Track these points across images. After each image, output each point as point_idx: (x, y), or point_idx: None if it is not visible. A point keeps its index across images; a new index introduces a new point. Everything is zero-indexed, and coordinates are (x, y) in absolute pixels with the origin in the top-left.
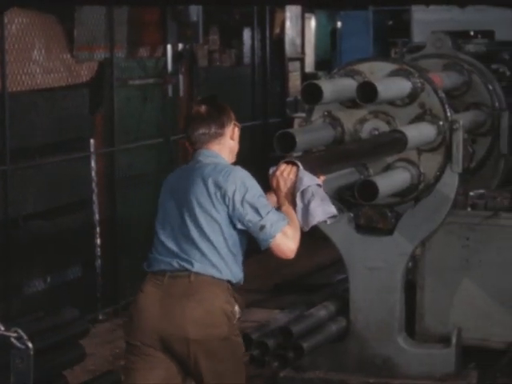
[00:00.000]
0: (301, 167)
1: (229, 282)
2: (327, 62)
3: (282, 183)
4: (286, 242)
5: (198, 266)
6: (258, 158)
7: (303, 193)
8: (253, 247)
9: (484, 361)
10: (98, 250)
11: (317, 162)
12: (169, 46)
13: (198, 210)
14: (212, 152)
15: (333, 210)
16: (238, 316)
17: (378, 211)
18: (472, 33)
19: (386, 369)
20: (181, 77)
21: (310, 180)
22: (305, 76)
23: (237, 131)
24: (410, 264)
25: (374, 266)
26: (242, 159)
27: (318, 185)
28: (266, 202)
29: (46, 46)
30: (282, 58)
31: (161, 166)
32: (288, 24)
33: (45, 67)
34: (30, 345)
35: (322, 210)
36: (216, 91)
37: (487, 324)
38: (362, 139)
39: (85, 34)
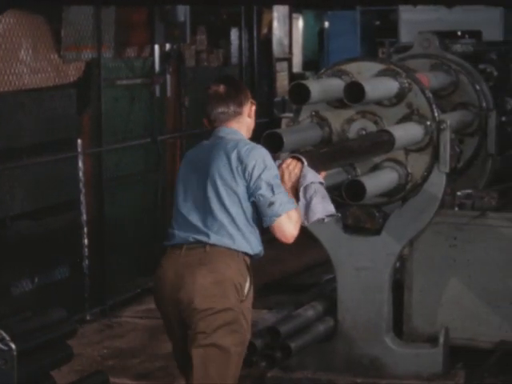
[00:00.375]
0: (305, 163)
1: (246, 253)
2: (315, 62)
3: (286, 176)
4: (289, 224)
5: (214, 238)
6: None
7: (306, 189)
8: None
9: (471, 361)
10: (86, 250)
11: (320, 158)
12: (156, 46)
13: (219, 183)
14: (232, 129)
15: (332, 208)
16: (246, 290)
17: (365, 211)
18: (459, 33)
19: (373, 369)
20: (168, 77)
21: (313, 177)
22: (292, 76)
23: (253, 109)
24: (398, 264)
25: (361, 265)
26: None
27: (321, 183)
28: (280, 183)
29: (33, 46)
30: (269, 59)
31: (148, 166)
32: (275, 24)
33: (32, 67)
34: (13, 346)
35: (322, 208)
36: (204, 91)
37: (475, 324)
38: (356, 138)
39: (72, 34)
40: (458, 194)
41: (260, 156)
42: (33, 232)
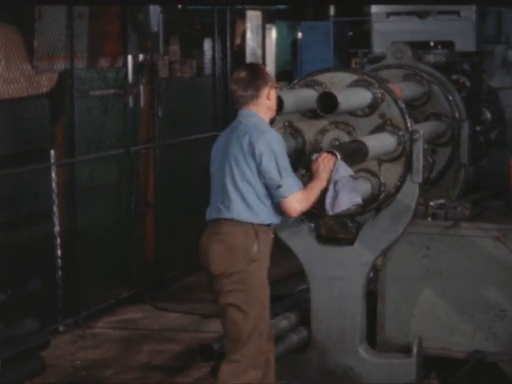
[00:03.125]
0: (339, 157)
1: (253, 224)
2: (288, 73)
3: (321, 168)
4: (294, 204)
5: (225, 214)
6: None
7: (336, 182)
8: None
9: (445, 370)
10: (59, 261)
11: (350, 152)
12: (129, 57)
13: (233, 165)
14: (250, 112)
15: (358, 199)
16: (254, 253)
17: (338, 221)
18: (432, 43)
19: (347, 379)
20: (141, 87)
21: (344, 171)
22: None
23: (273, 92)
24: (371, 274)
25: (335, 276)
26: (204, 168)
27: (351, 176)
28: (288, 166)
29: (5, 56)
30: None
31: (122, 176)
32: (249, 35)
33: (5, 78)
34: None
35: (348, 200)
36: (177, 102)
37: (448, 333)
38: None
39: (45, 44)
40: (431, 204)
41: (270, 141)
42: (5, 243)
